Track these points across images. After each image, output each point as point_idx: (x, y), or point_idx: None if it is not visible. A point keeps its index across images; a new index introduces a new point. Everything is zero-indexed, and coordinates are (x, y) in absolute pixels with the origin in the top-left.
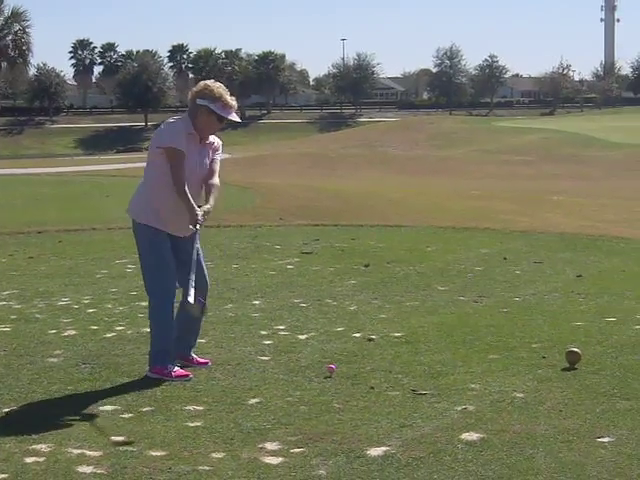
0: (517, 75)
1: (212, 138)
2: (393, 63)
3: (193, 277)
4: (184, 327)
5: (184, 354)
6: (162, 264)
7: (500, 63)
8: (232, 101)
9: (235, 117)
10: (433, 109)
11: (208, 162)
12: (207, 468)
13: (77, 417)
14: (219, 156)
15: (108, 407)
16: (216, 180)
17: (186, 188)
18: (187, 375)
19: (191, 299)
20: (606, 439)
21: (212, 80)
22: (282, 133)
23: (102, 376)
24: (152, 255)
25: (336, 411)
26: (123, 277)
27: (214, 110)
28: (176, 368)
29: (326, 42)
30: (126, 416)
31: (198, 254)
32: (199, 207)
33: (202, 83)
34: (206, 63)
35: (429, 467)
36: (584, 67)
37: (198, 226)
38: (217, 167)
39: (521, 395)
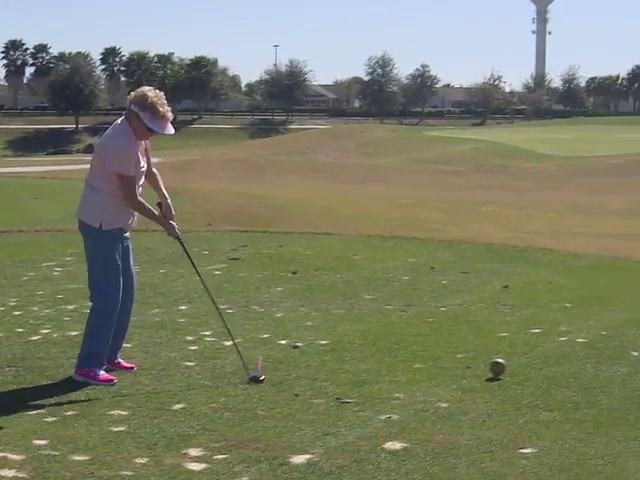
0: (448, 85)
1: None
2: (325, 70)
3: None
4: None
5: (110, 358)
6: (117, 271)
7: (432, 73)
8: (166, 113)
9: (165, 130)
10: (364, 117)
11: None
12: (130, 473)
13: (0, 420)
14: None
15: (32, 411)
16: (154, 169)
17: (141, 199)
18: (111, 380)
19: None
20: (528, 450)
21: (151, 88)
22: (213, 138)
23: (26, 379)
24: (112, 261)
25: (260, 418)
26: (50, 280)
27: (142, 120)
28: (102, 372)
29: (259, 48)
30: (50, 420)
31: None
32: (158, 205)
33: (141, 89)
34: (138, 66)
35: (352, 476)
36: (515, 79)
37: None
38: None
39: (445, 405)
